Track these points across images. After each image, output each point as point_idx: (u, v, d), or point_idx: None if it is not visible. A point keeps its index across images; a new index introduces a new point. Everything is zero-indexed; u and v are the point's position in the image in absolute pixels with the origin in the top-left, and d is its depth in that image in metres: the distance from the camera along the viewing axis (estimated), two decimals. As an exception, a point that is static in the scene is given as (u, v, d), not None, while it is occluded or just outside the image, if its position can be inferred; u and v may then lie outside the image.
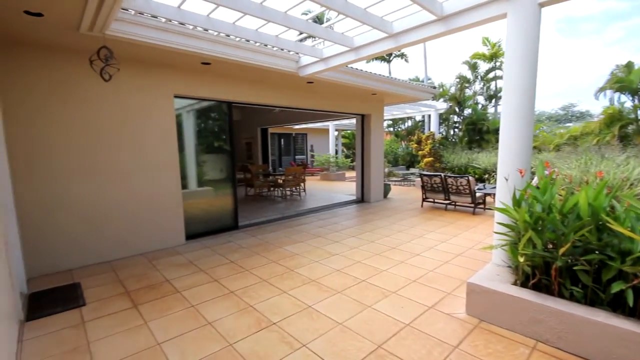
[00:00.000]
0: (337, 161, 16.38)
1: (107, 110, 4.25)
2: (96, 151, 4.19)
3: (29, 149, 3.71)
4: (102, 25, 3.12)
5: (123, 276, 3.81)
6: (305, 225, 6.17)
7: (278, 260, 4.27)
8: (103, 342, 2.51)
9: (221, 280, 3.66)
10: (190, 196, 5.40)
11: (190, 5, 3.56)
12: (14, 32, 3.32)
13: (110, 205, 4.33)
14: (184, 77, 4.96)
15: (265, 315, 2.88)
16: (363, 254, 4.47)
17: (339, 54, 4.83)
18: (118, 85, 4.18)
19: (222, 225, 5.82)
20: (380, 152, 8.89)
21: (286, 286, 3.46)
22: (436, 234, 5.40)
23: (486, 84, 17.76)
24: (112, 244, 4.36)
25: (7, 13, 2.88)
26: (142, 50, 4.00)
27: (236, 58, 4.44)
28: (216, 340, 2.51)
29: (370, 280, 3.60)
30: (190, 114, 5.56)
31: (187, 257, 4.47)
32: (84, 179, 4.11)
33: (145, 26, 3.58)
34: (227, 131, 5.89)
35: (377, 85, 6.79)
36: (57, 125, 3.89)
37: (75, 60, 3.91)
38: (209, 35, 4.06)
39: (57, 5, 2.81)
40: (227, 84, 5.50)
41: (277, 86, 6.26)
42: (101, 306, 3.09)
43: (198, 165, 5.65)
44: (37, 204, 3.78)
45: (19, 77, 3.62)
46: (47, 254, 3.88)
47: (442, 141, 13.30)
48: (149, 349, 2.42)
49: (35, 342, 2.53)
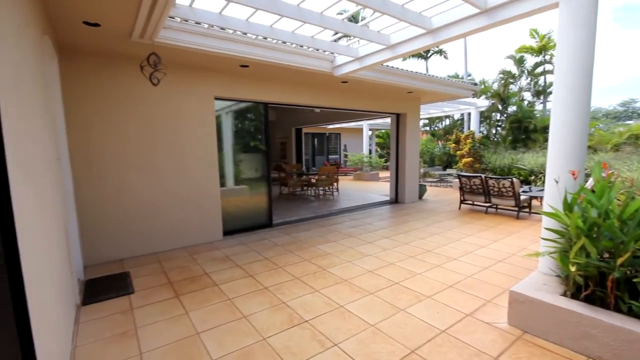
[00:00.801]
0: (370, 161, 16.18)
1: (155, 112, 4.55)
2: (145, 151, 4.50)
3: (86, 148, 4.08)
4: (151, 33, 3.35)
5: (167, 267, 4.06)
6: (337, 225, 6.17)
7: (311, 259, 4.31)
8: (149, 328, 2.70)
9: (256, 276, 3.77)
10: (227, 194, 5.63)
11: (231, 11, 3.70)
12: (74, 41, 3.66)
13: (156, 201, 4.63)
14: (224, 80, 5.17)
15: (298, 312, 2.92)
16: (396, 255, 4.38)
17: (374, 53, 4.76)
18: (165, 89, 4.46)
19: (257, 223, 5.99)
20: (415, 152, 8.65)
21: (318, 285, 3.49)
22: (475, 238, 5.14)
23: (533, 79, 16.58)
24: (157, 237, 4.67)
25: (68, 24, 3.18)
26: (186, 55, 4.23)
27: (273, 60, 4.55)
28: (250, 334, 2.59)
29: (403, 283, 3.51)
30: (228, 115, 5.79)
31: (225, 252, 4.66)
32: (134, 176, 4.44)
33: (190, 32, 3.79)
34: (262, 131, 6.05)
35: (414, 83, 6.61)
36: (111, 127, 4.24)
37: (128, 66, 4.23)
38: (247, 39, 4.20)
39: (112, 16, 3.06)
40: (264, 86, 5.65)
41: (312, 86, 6.32)
42: (147, 295, 3.32)
43: (235, 164, 5.87)
44: (93, 199, 4.15)
45: (79, 82, 3.99)
46: (102, 244, 4.24)
47: (483, 140, 12.63)
48: (189, 338, 2.56)
49: (89, 325, 2.78)
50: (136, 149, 4.44)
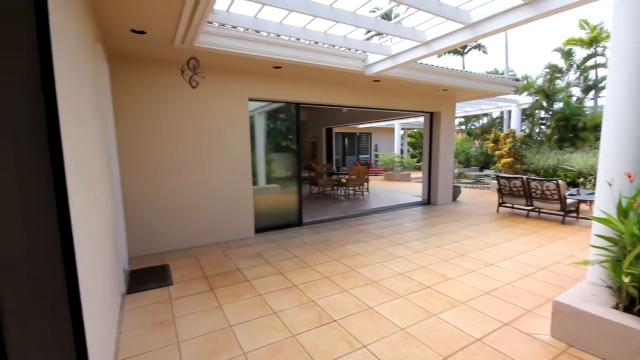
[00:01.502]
0: (402, 161, 15.83)
1: (193, 114, 4.78)
2: (184, 151, 4.74)
3: (131, 149, 4.37)
4: (191, 38, 3.53)
5: (202, 262, 4.25)
6: (367, 225, 6.11)
7: (340, 258, 4.31)
8: (185, 319, 2.84)
9: (286, 273, 3.83)
10: (259, 192, 5.77)
11: (265, 14, 3.79)
12: (123, 47, 3.93)
13: (194, 198, 4.87)
14: (257, 81, 5.31)
15: (327, 311, 2.93)
16: (428, 258, 4.25)
17: (408, 50, 4.65)
18: (202, 91, 4.66)
19: (287, 221, 6.09)
20: (450, 152, 8.33)
21: (347, 285, 3.48)
22: (515, 244, 4.86)
23: (583, 74, 15.32)
24: (194, 232, 4.90)
25: (117, 32, 3.43)
26: (222, 58, 4.39)
27: (305, 60, 4.59)
28: (280, 330, 2.65)
29: (436, 287, 3.41)
30: (261, 116, 5.94)
31: (256, 249, 4.79)
32: (174, 175, 4.70)
33: (227, 36, 3.94)
34: (294, 131, 6.14)
35: (449, 80, 6.37)
36: (151, 128, 4.51)
37: (169, 70, 4.48)
38: (281, 41, 4.28)
39: (157, 24, 3.26)
40: (296, 86, 5.72)
41: (344, 86, 6.31)
42: (185, 287, 3.50)
43: (267, 163, 6.01)
44: (137, 196, 4.44)
45: (125, 86, 4.28)
46: (144, 238, 4.53)
47: (525, 140, 11.89)
48: (222, 330, 2.66)
49: (133, 313, 2.98)
50: (176, 149, 4.68)
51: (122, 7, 2.88)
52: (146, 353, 2.38)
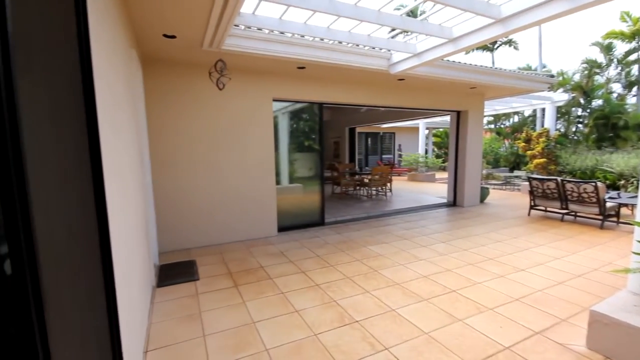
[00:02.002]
0: (426, 161, 15.46)
1: (218, 115, 4.92)
2: (210, 151, 4.89)
3: (161, 149, 4.56)
4: (219, 41, 3.63)
5: (227, 259, 4.37)
6: (390, 226, 6.03)
7: (362, 259, 4.28)
8: (211, 313, 2.94)
9: (308, 272, 3.86)
10: (282, 192, 5.85)
11: (290, 15, 3.83)
12: (155, 52, 4.11)
13: (219, 197, 5.01)
14: (281, 82, 5.37)
15: (348, 312, 2.93)
16: (454, 262, 4.13)
17: (434, 47, 4.54)
18: (228, 92, 4.79)
19: (310, 221, 6.12)
20: (477, 152, 8.05)
21: (369, 286, 3.45)
22: (548, 249, 4.62)
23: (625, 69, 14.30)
24: (219, 230, 5.05)
25: (150, 36, 3.59)
26: (248, 60, 4.49)
27: (329, 60, 4.60)
28: (302, 329, 2.67)
29: (461, 291, 3.31)
30: (284, 116, 6.02)
31: (279, 247, 4.86)
32: (201, 174, 4.85)
33: (252, 38, 4.02)
34: (317, 131, 6.17)
35: (478, 77, 6.15)
36: (180, 129, 4.68)
37: (196, 72, 4.63)
38: (305, 41, 4.31)
39: (187, 29, 3.38)
40: (319, 86, 5.74)
41: (367, 85, 6.25)
42: (210, 282, 3.61)
43: (290, 163, 6.08)
44: (167, 193, 4.63)
45: (156, 89, 4.47)
46: (173, 234, 4.72)
47: (560, 139, 11.26)
48: (246, 326, 2.72)
49: (162, 305, 3.11)
50: (201, 149, 4.84)
51: (155, 14, 3.02)
52: (174, 344, 2.48)
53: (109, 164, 1.55)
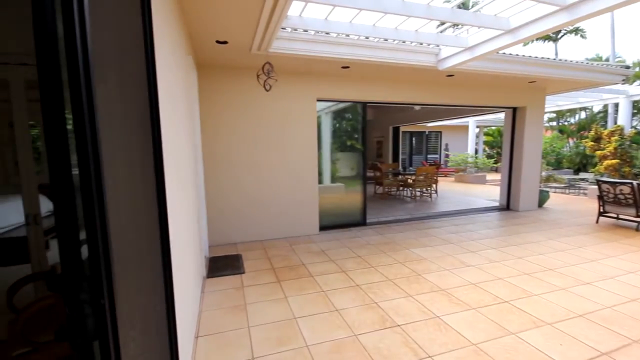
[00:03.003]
0: (476, 161, 14.55)
1: (265, 115, 5.10)
2: (256, 150, 5.10)
3: (212, 148, 4.85)
4: (266, 45, 3.76)
5: (270, 254, 4.52)
6: (435, 229, 5.79)
7: (404, 261, 4.17)
8: (255, 306, 3.06)
9: (348, 272, 3.85)
10: (324, 191, 5.90)
11: (335, 14, 3.84)
12: (208, 57, 4.38)
13: (264, 195, 5.20)
14: (325, 82, 5.41)
15: (389, 314, 2.87)
16: (506, 270, 3.85)
17: (488, 40, 4.26)
18: (275, 93, 4.94)
19: (351, 220, 6.10)
20: (536, 152, 7.38)
21: (412, 290, 3.35)
22: (619, 261, 4.10)
23: None
24: (264, 226, 5.24)
25: (204, 43, 3.83)
26: (293, 61, 4.59)
27: (375, 59, 4.53)
28: (342, 328, 2.67)
29: (515, 302, 3.07)
30: (327, 116, 6.06)
31: (320, 246, 4.91)
32: (248, 172, 5.08)
33: (298, 40, 4.11)
34: (360, 130, 6.12)
35: (538, 70, 5.64)
36: (229, 129, 4.94)
37: (246, 75, 4.85)
38: (350, 40, 4.30)
39: (237, 35, 3.56)
40: (363, 85, 5.69)
41: (413, 83, 6.05)
42: (255, 276, 3.77)
43: (332, 162, 6.11)
44: (217, 190, 4.92)
45: (208, 92, 4.75)
46: (221, 228, 5.00)
47: (636, 138, 9.91)
48: (287, 320, 2.80)
49: (211, 295, 3.32)
50: (248, 148, 5.06)
51: (209, 22, 3.22)
52: (222, 332, 2.64)
53: (168, 162, 1.69)
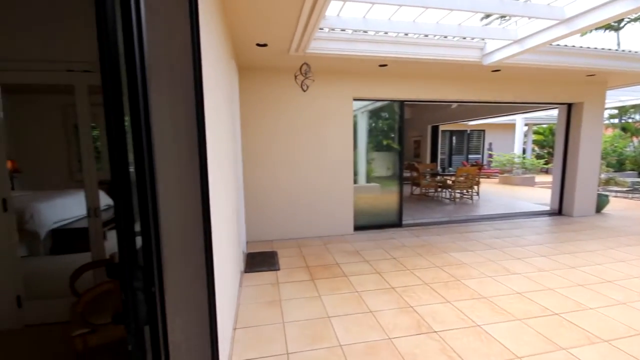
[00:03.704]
0: (524, 162, 13.57)
1: (302, 116, 5.18)
2: (292, 150, 5.19)
3: (250, 148, 5.01)
4: (304, 46, 3.81)
5: (305, 253, 4.59)
6: (476, 233, 5.50)
7: (442, 265, 4.01)
8: (290, 302, 3.13)
9: (383, 274, 3.79)
10: (359, 191, 5.85)
11: (374, 12, 3.78)
12: (248, 59, 4.52)
13: (300, 194, 5.29)
14: (362, 81, 5.36)
15: (426, 320, 2.78)
16: (557, 280, 3.56)
17: (540, 32, 3.96)
18: (311, 94, 4.99)
19: (386, 221, 5.99)
20: (594, 152, 6.72)
21: (451, 296, 3.22)
22: (696, 277, 3.62)
23: None
24: (299, 225, 5.33)
25: (245, 46, 3.96)
26: (330, 61, 4.59)
27: (415, 56, 4.40)
28: (376, 330, 2.64)
29: (567, 316, 2.83)
30: (363, 115, 6.01)
31: (354, 246, 4.88)
32: (284, 171, 5.20)
33: (336, 40, 4.11)
34: (396, 130, 5.99)
35: (598, 63, 5.13)
36: (266, 129, 5.07)
37: (283, 76, 4.95)
38: (388, 38, 4.22)
39: (277, 37, 3.64)
40: (401, 83, 5.55)
41: (455, 79, 5.79)
42: (290, 273, 3.84)
43: (367, 162, 6.06)
44: (254, 188, 5.08)
45: (247, 93, 4.92)
46: (258, 225, 5.16)
47: None
48: (321, 319, 2.82)
49: (248, 289, 3.44)
50: (284, 147, 5.17)
51: (250, 26, 3.32)
52: (258, 326, 2.72)
53: (211, 161, 1.78)
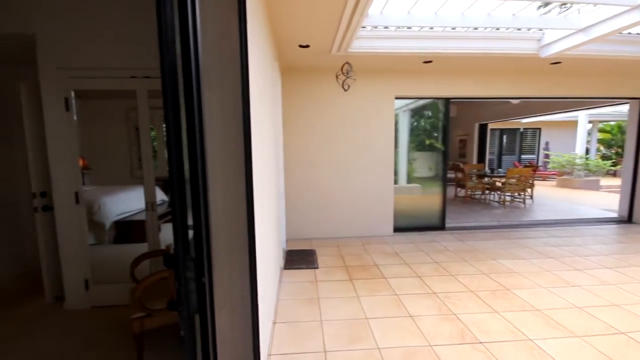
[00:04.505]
0: (587, 163, 12.28)
1: (343, 115, 5.18)
2: (334, 149, 5.22)
3: (291, 145, 5.12)
4: (346, 45, 3.81)
5: (343, 252, 4.58)
6: (529, 240, 5.09)
7: (490, 273, 3.78)
8: (328, 301, 3.15)
9: (424, 278, 3.66)
10: (399, 191, 5.72)
11: (418, 6, 3.66)
12: (291, 61, 4.62)
13: (339, 193, 5.30)
14: (404, 79, 5.22)
15: (471, 329, 2.64)
16: (625, 295, 3.17)
17: (609, 19, 3.55)
18: (352, 93, 4.97)
19: (428, 224, 5.77)
20: (676, 154, 5.89)
21: (499, 306, 3.02)
22: None
23: None
24: (337, 224, 5.34)
25: (288, 48, 4.05)
26: (372, 60, 4.53)
27: (463, 50, 4.18)
28: (416, 335, 2.56)
29: (636, 335, 2.51)
30: (405, 113, 5.85)
31: (393, 247, 4.78)
32: (323, 170, 5.24)
33: (378, 38, 4.04)
34: (440, 128, 5.76)
35: (682, 52, 4.47)
36: (307, 128, 5.14)
37: (324, 76, 4.98)
38: (434, 33, 4.06)
39: (319, 37, 3.68)
40: (447, 80, 5.31)
41: (507, 74, 5.40)
42: (328, 272, 3.86)
43: (408, 162, 5.89)
44: (294, 187, 5.18)
45: (288, 94, 5.01)
46: (297, 223, 5.25)
47: None
48: (358, 320, 2.80)
49: (287, 286, 3.52)
50: (324, 148, 5.20)
51: (293, 28, 3.39)
52: (296, 322, 2.78)
53: (256, 160, 1.85)
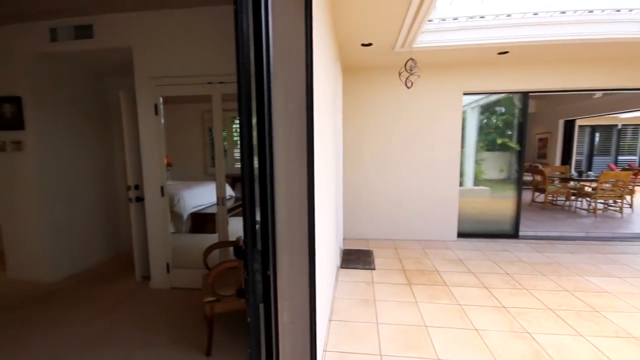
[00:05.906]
0: None
1: (405, 114, 5.00)
2: (394, 149, 5.08)
3: (350, 145, 5.11)
4: (411, 41, 3.67)
5: (401, 255, 4.44)
6: (627, 256, 4.34)
7: (574, 290, 3.32)
8: (384, 304, 3.08)
9: (492, 289, 3.37)
10: (465, 194, 5.33)
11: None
12: (352, 60, 4.60)
13: (399, 194, 5.14)
14: (474, 73, 4.83)
15: (548, 352, 2.35)
16: None
17: None
18: (416, 90, 4.76)
19: (498, 231, 5.28)
20: None
21: (584, 329, 2.64)
22: None
23: None
24: (396, 226, 5.19)
25: (350, 47, 4.04)
26: (439, 55, 4.28)
27: (547, 37, 3.71)
28: (481, 350, 2.37)
29: None
30: (474, 110, 5.43)
31: (457, 254, 4.48)
32: (383, 170, 5.14)
33: (446, 30, 3.82)
34: (515, 126, 5.21)
35: None
36: (368, 128, 5.08)
37: (385, 74, 4.86)
38: (511, 21, 3.69)
39: (381, 36, 3.61)
40: (525, 72, 4.77)
41: (599, 62, 4.63)
42: (385, 274, 3.78)
43: (476, 163, 5.46)
44: (352, 186, 5.17)
45: (347, 92, 5.00)
46: (355, 223, 5.23)
47: None
48: (417, 327, 2.69)
49: (343, 285, 3.53)
50: (384, 148, 5.09)
51: (356, 27, 3.38)
52: (352, 322, 2.78)
53: (317, 160, 1.90)
